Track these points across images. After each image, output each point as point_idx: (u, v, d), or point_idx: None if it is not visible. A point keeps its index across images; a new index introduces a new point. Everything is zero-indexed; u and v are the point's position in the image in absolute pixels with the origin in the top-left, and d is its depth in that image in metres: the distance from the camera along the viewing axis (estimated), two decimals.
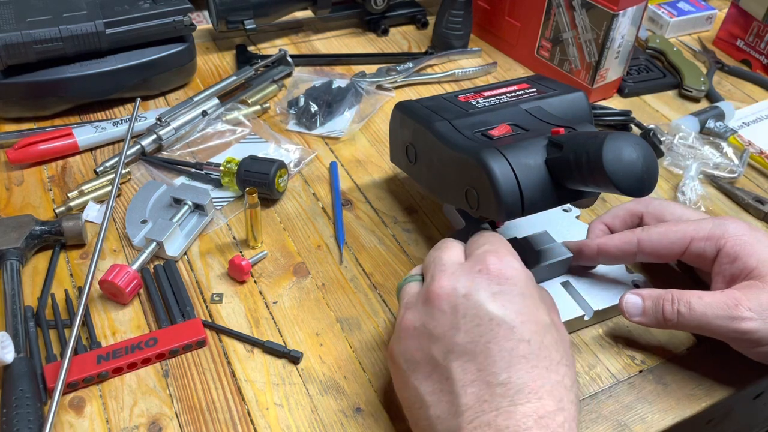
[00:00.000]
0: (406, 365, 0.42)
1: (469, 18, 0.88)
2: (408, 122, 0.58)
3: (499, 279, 0.41)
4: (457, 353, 0.39)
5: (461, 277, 0.42)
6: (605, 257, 0.54)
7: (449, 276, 0.42)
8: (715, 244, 0.50)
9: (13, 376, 0.46)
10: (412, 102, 0.60)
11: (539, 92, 0.59)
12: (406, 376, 0.42)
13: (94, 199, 0.64)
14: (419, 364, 0.41)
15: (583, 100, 0.58)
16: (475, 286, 0.41)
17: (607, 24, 0.75)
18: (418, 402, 0.41)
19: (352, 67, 0.87)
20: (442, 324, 0.41)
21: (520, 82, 0.62)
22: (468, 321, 0.40)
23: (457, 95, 0.60)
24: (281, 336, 0.54)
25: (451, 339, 0.40)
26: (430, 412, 0.39)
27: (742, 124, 0.80)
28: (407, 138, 0.59)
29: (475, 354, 0.39)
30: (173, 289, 0.56)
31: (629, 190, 0.43)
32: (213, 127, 0.74)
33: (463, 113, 0.55)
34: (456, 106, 0.58)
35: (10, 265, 0.55)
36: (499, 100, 0.58)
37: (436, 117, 0.55)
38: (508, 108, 0.56)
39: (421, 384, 0.41)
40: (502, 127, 0.52)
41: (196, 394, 0.49)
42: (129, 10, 0.73)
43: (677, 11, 0.98)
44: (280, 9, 0.88)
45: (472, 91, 0.61)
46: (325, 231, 0.63)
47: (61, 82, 0.72)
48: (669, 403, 0.50)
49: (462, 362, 0.39)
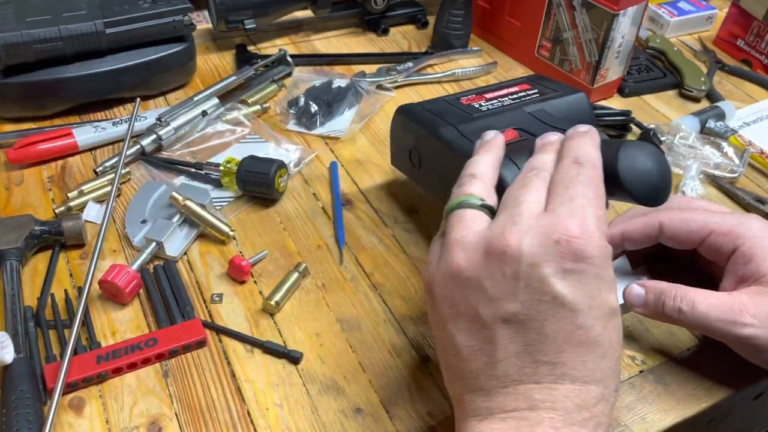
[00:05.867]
0: (447, 310, 0.39)
1: (469, 18, 0.88)
2: (411, 127, 0.57)
3: (575, 256, 0.36)
4: (508, 321, 0.36)
5: (534, 239, 0.36)
6: (629, 242, 0.53)
7: (522, 233, 0.37)
8: (733, 242, 0.49)
9: (12, 377, 0.46)
10: (414, 105, 0.59)
11: (541, 93, 0.59)
12: (444, 319, 0.39)
13: (93, 199, 0.64)
14: (462, 314, 0.38)
15: (584, 101, 0.58)
16: (546, 257, 0.36)
17: (608, 24, 0.75)
18: (452, 349, 0.39)
19: (352, 67, 0.87)
20: (500, 287, 0.36)
21: (521, 83, 0.62)
22: (529, 293, 0.36)
23: (458, 97, 0.60)
24: (281, 336, 0.54)
25: (505, 305, 0.36)
26: (463, 365, 0.38)
27: (743, 124, 0.80)
28: (411, 143, 0.58)
29: (527, 328, 0.36)
30: (173, 289, 0.56)
31: (645, 199, 0.43)
32: (213, 127, 0.74)
33: (467, 117, 0.55)
34: (459, 109, 0.57)
35: (9, 265, 0.55)
36: (502, 102, 0.58)
37: (441, 122, 0.55)
38: (511, 111, 0.56)
39: (459, 333, 0.38)
40: (509, 133, 0.52)
41: (195, 394, 0.49)
42: (129, 10, 0.73)
43: (677, 11, 0.98)
44: (280, 9, 0.88)
45: (473, 92, 0.61)
46: (325, 231, 0.63)
47: (61, 81, 0.71)
48: (669, 403, 0.50)
49: (511, 332, 0.36)
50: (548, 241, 0.36)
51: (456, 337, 0.38)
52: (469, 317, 0.38)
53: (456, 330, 0.38)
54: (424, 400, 0.50)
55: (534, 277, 0.36)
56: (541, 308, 0.36)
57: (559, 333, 0.35)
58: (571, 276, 0.36)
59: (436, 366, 0.52)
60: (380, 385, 0.51)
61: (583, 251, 0.36)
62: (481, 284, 0.37)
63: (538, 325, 0.36)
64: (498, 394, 0.36)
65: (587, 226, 0.36)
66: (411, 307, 0.57)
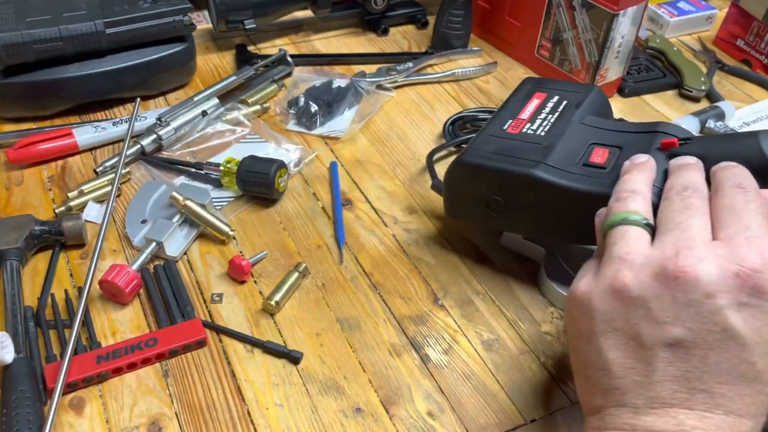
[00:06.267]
0: (601, 325, 0.38)
1: (469, 18, 0.88)
2: (489, 176, 0.54)
3: (753, 290, 0.35)
4: (671, 346, 0.35)
5: (712, 268, 0.35)
6: None
7: (698, 259, 0.35)
8: None
9: (13, 377, 0.46)
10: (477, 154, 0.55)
11: (568, 100, 0.59)
12: (595, 333, 0.38)
13: (94, 199, 0.64)
14: (618, 331, 0.37)
15: (602, 95, 0.60)
16: (723, 287, 0.35)
17: (607, 24, 0.75)
18: (599, 364, 0.38)
19: (352, 67, 0.87)
20: (668, 311, 0.36)
21: (531, 92, 0.61)
22: (699, 321, 0.35)
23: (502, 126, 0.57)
24: (281, 336, 0.54)
25: (672, 330, 0.35)
26: (611, 381, 0.37)
27: (743, 124, 0.80)
28: (487, 191, 0.55)
29: (690, 355, 0.35)
30: (173, 289, 0.56)
31: None
32: (213, 127, 0.74)
33: (542, 149, 0.53)
34: (524, 142, 0.55)
35: (10, 265, 0.55)
36: (549, 120, 0.57)
37: (526, 162, 0.52)
38: (567, 127, 0.55)
39: (610, 350, 0.37)
40: (598, 152, 0.52)
41: (196, 394, 0.49)
42: (129, 10, 0.73)
43: (677, 11, 0.98)
44: (280, 9, 0.88)
45: (509, 118, 0.59)
46: (325, 231, 0.63)
47: (61, 81, 0.71)
48: None
49: (672, 356, 0.35)
50: (727, 272, 0.35)
51: (606, 353, 0.37)
52: (627, 335, 0.37)
53: (607, 345, 0.38)
54: (424, 400, 0.50)
55: (708, 307, 0.35)
56: (710, 339, 0.35)
57: (723, 364, 0.35)
58: (746, 310, 0.35)
59: (435, 365, 0.52)
60: (380, 385, 0.51)
61: (762, 286, 0.35)
62: (648, 305, 0.36)
63: (702, 354, 0.35)
64: (647, 414, 0.36)
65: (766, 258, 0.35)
66: (411, 307, 0.57)
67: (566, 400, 0.50)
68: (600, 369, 0.38)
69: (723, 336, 0.35)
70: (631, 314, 0.37)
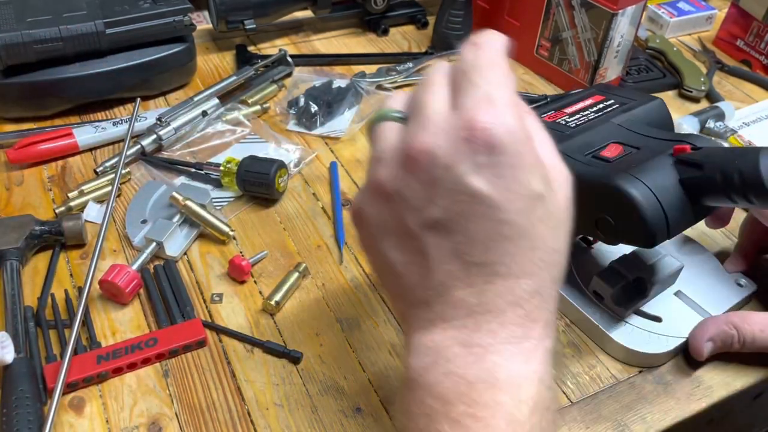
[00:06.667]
0: (376, 229, 0.38)
1: (469, 18, 0.88)
2: None
3: (486, 147, 0.34)
4: (432, 228, 0.35)
5: (443, 140, 0.35)
6: None
7: (431, 135, 0.35)
8: None
9: (13, 376, 0.47)
10: None
11: (620, 104, 0.58)
12: (376, 240, 0.38)
13: (94, 199, 0.64)
14: (390, 230, 0.37)
15: (664, 108, 0.58)
16: (458, 156, 0.34)
17: (607, 23, 0.75)
18: (387, 268, 0.38)
19: (352, 67, 0.87)
20: (419, 195, 0.35)
21: (593, 94, 0.60)
22: (446, 196, 0.35)
23: (540, 115, 0.57)
24: (281, 336, 0.54)
25: (427, 212, 0.35)
26: (401, 281, 0.37)
27: (742, 124, 0.80)
28: None
29: (451, 231, 0.35)
30: (173, 289, 0.56)
31: None
32: (213, 127, 0.74)
33: (562, 136, 0.53)
34: (550, 129, 0.55)
35: (10, 265, 0.55)
36: (587, 117, 0.56)
37: None
38: (601, 125, 0.55)
39: (390, 251, 0.37)
40: (612, 148, 0.51)
41: (196, 394, 0.49)
42: (129, 10, 0.73)
43: (677, 11, 0.98)
44: (280, 9, 0.88)
45: (552, 109, 0.58)
46: (325, 231, 0.63)
47: (61, 82, 0.71)
48: (669, 403, 0.50)
49: (437, 238, 0.35)
50: (458, 140, 0.34)
51: (388, 255, 0.37)
52: (397, 232, 0.37)
53: (387, 249, 0.37)
54: None
55: (449, 179, 0.34)
56: (460, 209, 0.34)
57: (483, 231, 0.34)
58: (486, 170, 0.34)
59: None
60: (380, 385, 0.51)
61: (493, 140, 0.34)
62: (402, 195, 0.36)
63: (461, 228, 0.34)
64: (436, 304, 0.36)
65: (496, 113, 0.34)
66: None
67: (566, 400, 0.50)
68: (390, 273, 0.38)
69: (473, 202, 0.34)
70: (394, 210, 0.36)
